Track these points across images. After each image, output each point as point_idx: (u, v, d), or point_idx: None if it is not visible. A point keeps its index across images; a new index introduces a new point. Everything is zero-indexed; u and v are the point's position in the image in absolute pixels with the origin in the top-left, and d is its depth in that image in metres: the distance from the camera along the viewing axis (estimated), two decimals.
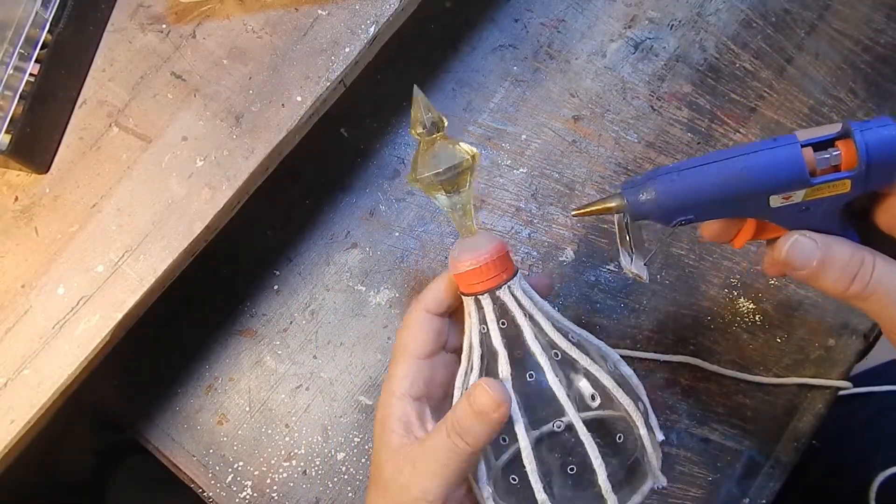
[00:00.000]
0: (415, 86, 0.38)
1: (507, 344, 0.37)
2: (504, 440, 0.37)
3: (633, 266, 0.37)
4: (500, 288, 0.37)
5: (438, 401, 0.40)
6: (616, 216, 0.36)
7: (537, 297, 0.39)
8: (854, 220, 0.35)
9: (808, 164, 0.32)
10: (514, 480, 0.36)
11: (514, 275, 0.38)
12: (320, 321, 0.52)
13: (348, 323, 0.52)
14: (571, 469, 0.36)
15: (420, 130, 0.38)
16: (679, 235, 0.55)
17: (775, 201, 0.33)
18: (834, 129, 0.32)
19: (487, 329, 0.38)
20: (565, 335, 0.38)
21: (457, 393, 0.39)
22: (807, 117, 0.58)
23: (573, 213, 0.37)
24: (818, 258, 0.33)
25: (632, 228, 0.37)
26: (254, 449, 0.50)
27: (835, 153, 0.32)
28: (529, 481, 0.35)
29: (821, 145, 0.32)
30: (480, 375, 0.37)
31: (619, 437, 0.37)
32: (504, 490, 0.37)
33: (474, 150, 0.39)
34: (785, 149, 0.32)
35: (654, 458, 0.37)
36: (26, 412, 0.40)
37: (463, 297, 0.39)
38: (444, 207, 0.39)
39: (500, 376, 0.37)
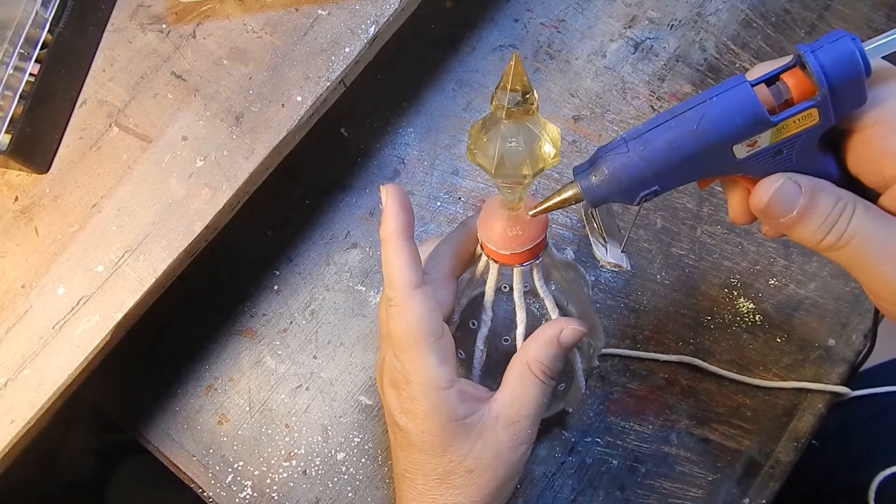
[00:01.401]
0: (515, 52, 0.31)
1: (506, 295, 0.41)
2: (473, 324, 0.42)
3: (608, 256, 0.35)
4: (535, 259, 0.38)
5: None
6: (580, 205, 0.33)
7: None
8: (834, 157, 0.31)
9: (765, 103, 0.28)
10: (461, 355, 0.42)
11: (546, 245, 0.39)
12: (320, 321, 0.52)
13: (348, 323, 0.52)
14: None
15: (496, 105, 0.30)
16: (679, 235, 0.55)
17: (740, 151, 0.29)
18: (786, 60, 0.29)
19: (510, 288, 0.40)
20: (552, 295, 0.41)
21: (480, 344, 0.41)
22: None
23: (530, 214, 0.34)
24: (800, 206, 0.30)
25: (599, 214, 0.36)
26: (254, 449, 0.50)
27: (789, 83, 0.28)
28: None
29: (775, 80, 0.29)
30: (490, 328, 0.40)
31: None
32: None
33: (557, 144, 0.32)
34: (734, 91, 0.28)
35: (577, 390, 0.46)
36: (26, 412, 0.40)
37: (490, 260, 0.38)
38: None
39: (517, 331, 0.40)
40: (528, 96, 0.30)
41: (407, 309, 0.35)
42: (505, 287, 0.41)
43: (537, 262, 0.38)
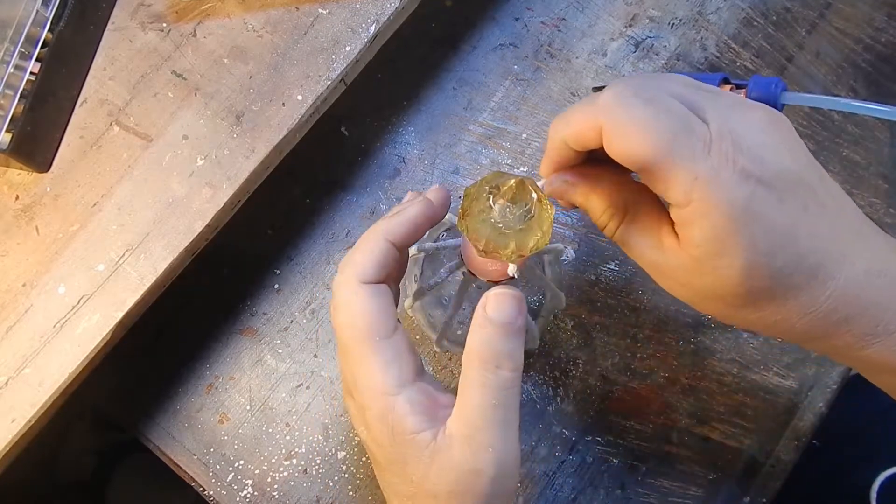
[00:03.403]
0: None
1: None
2: (445, 301, 0.46)
3: None
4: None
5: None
6: None
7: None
8: None
9: None
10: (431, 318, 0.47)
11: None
12: (321, 320, 0.52)
13: None
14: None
15: (491, 202, 0.31)
16: None
17: None
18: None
19: (482, 289, 0.40)
20: None
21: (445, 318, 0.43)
22: (808, 116, 0.58)
23: (592, 87, 0.55)
24: (577, 202, 0.33)
25: None
26: (254, 448, 0.50)
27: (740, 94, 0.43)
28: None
29: (740, 87, 0.44)
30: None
31: None
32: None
33: (549, 230, 0.31)
34: (707, 80, 0.42)
35: (532, 339, 0.48)
36: (27, 411, 0.40)
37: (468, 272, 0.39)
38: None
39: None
40: (528, 207, 0.30)
41: (351, 303, 0.31)
42: (478, 286, 0.42)
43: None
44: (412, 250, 0.46)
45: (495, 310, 0.31)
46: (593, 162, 0.33)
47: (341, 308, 0.32)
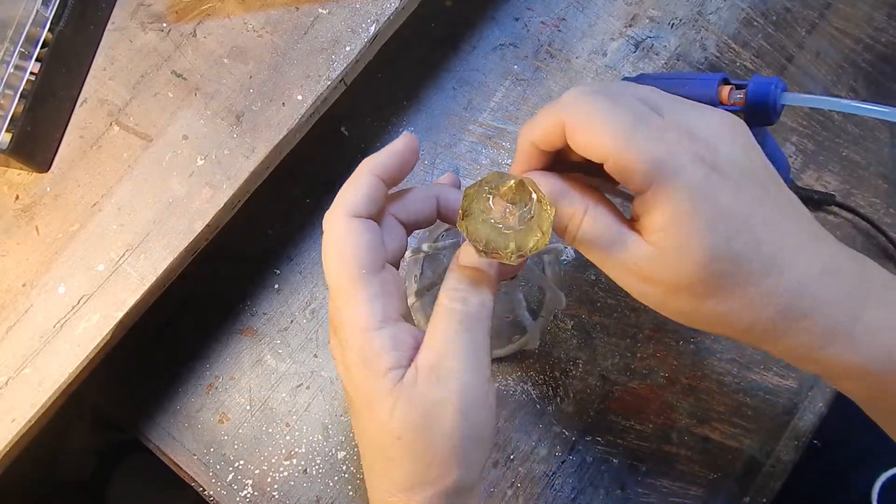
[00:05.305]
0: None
1: None
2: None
3: None
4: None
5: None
6: None
7: None
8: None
9: (720, 95, 0.46)
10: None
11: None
12: (321, 320, 0.52)
13: None
14: None
15: (491, 203, 0.31)
16: None
17: None
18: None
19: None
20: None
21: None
22: (808, 116, 0.58)
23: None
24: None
25: None
26: (254, 448, 0.50)
27: (737, 96, 0.46)
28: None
29: (740, 87, 0.46)
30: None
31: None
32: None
33: (548, 230, 0.31)
34: (707, 81, 0.47)
35: (533, 339, 0.49)
36: (27, 411, 0.40)
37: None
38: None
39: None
40: (528, 207, 0.31)
41: (340, 235, 0.31)
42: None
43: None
44: (409, 253, 0.46)
45: (465, 258, 0.33)
46: (557, 167, 0.33)
47: (329, 241, 0.31)
